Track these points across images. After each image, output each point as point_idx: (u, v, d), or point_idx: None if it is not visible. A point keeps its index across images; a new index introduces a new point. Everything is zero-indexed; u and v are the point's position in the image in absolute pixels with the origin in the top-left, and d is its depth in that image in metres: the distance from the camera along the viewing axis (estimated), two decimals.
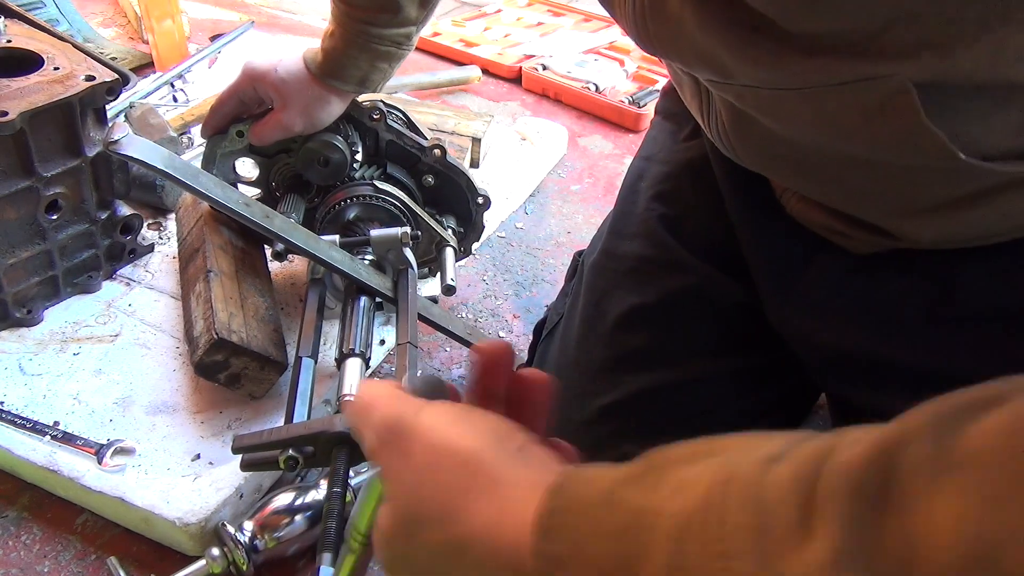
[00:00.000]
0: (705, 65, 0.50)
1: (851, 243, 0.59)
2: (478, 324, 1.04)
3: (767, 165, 0.60)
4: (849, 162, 0.52)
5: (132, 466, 0.76)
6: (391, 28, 0.83)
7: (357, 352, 0.77)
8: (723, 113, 0.57)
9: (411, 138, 0.95)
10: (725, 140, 0.59)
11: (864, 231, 0.57)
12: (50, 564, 0.72)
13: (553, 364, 0.72)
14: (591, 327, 0.70)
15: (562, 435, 0.67)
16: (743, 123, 0.56)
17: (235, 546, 0.67)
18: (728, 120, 0.57)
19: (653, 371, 0.66)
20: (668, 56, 0.54)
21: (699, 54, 0.49)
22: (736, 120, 0.56)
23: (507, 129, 1.42)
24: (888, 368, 0.59)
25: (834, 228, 0.60)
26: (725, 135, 0.59)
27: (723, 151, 0.62)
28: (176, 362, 0.89)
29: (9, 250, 0.85)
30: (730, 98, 0.54)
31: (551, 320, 0.78)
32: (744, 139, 0.58)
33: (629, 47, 1.76)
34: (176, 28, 1.49)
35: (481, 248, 1.17)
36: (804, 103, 0.47)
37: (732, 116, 0.56)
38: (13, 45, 0.87)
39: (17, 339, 0.90)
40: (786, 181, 0.61)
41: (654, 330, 0.67)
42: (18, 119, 0.77)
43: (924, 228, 0.54)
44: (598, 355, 0.68)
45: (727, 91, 0.53)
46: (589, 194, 1.34)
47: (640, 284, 0.69)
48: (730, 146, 0.59)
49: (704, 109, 0.60)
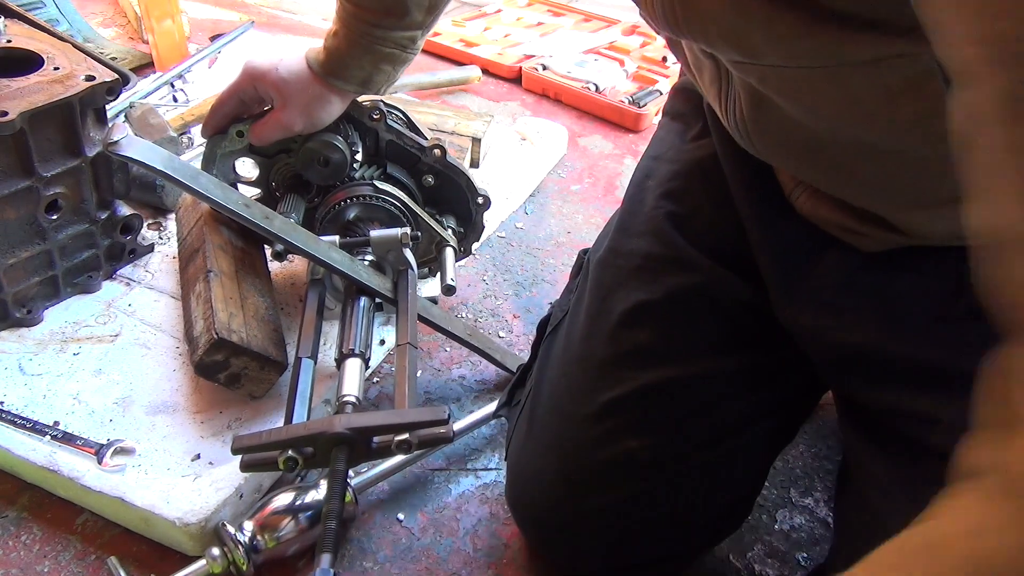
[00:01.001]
0: (732, 44, 0.50)
1: (862, 240, 0.60)
2: (478, 324, 1.04)
3: (781, 154, 0.60)
4: (866, 151, 0.52)
5: (132, 466, 0.76)
6: (396, 31, 0.83)
7: (357, 352, 0.77)
8: (742, 97, 0.57)
9: (411, 138, 0.95)
10: (741, 127, 0.59)
11: (875, 227, 0.57)
12: (50, 564, 0.72)
13: (557, 360, 0.72)
14: (596, 323, 0.70)
15: (565, 430, 0.68)
16: (762, 108, 0.56)
17: (235, 546, 0.68)
18: (747, 105, 0.57)
19: (658, 367, 0.66)
20: (694, 36, 0.54)
21: (728, 32, 0.49)
22: (755, 105, 0.56)
23: (507, 129, 1.42)
24: (897, 365, 0.59)
25: (845, 225, 0.60)
26: (742, 121, 0.59)
27: (738, 140, 0.62)
28: (176, 362, 0.89)
29: (9, 250, 0.85)
30: (752, 80, 0.54)
31: (555, 317, 0.78)
32: (761, 125, 0.58)
33: (629, 47, 1.76)
34: (176, 28, 1.49)
35: (481, 248, 1.17)
36: (829, 82, 0.47)
37: (752, 101, 0.56)
38: (13, 45, 0.87)
39: (17, 339, 0.90)
40: (799, 172, 0.61)
41: (659, 326, 0.68)
42: (18, 119, 0.77)
43: (936, 222, 0.54)
44: (603, 350, 0.68)
45: (750, 72, 0.53)
46: (589, 194, 1.34)
47: (647, 281, 0.69)
48: (745, 133, 0.59)
49: (723, 94, 0.60)
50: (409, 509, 0.80)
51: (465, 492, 0.82)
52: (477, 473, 0.85)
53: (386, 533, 0.77)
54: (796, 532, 0.81)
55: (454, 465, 0.85)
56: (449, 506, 0.81)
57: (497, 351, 0.94)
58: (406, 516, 0.79)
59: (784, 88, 0.52)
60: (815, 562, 0.78)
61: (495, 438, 0.88)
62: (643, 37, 1.83)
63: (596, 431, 0.66)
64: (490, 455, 0.86)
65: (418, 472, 0.84)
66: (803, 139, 0.55)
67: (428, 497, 0.81)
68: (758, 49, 0.48)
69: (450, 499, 0.81)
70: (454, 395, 0.93)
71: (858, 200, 0.58)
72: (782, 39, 0.46)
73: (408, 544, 0.76)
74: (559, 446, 0.68)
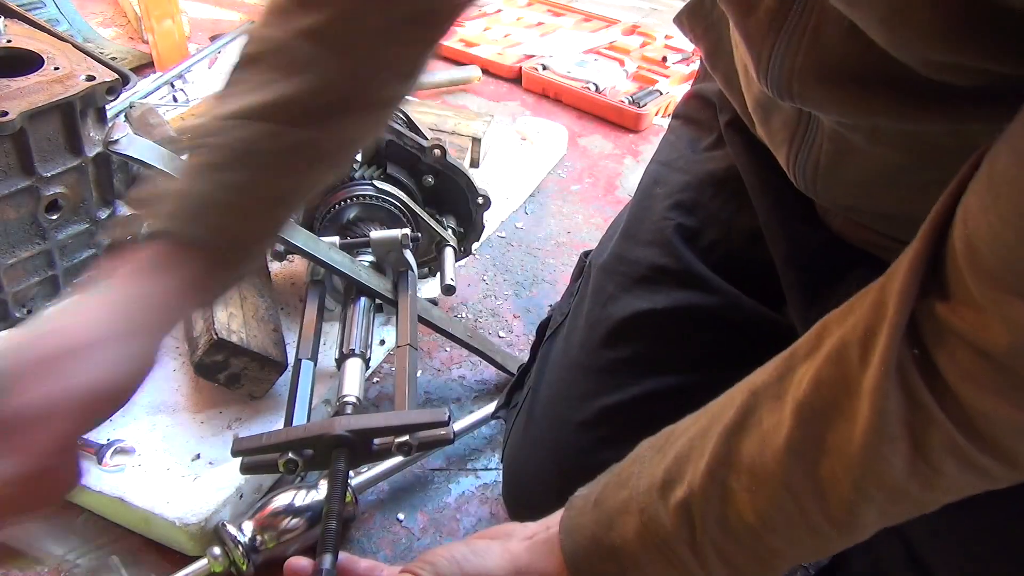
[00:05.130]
0: (851, 114, 0.47)
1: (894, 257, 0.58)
2: (478, 324, 1.04)
3: (846, 199, 0.57)
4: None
5: (132, 466, 0.76)
6: None
7: (357, 352, 0.77)
8: (826, 145, 0.54)
9: (411, 138, 0.95)
10: (809, 174, 0.56)
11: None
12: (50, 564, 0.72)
13: (556, 364, 0.72)
14: (596, 329, 0.70)
15: (562, 434, 0.68)
16: (845, 156, 0.53)
17: (235, 546, 0.68)
18: (828, 151, 0.54)
19: (657, 376, 0.66)
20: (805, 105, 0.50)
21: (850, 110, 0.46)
22: (839, 152, 0.53)
23: (507, 129, 1.42)
24: None
25: (882, 244, 0.58)
26: (814, 168, 0.55)
27: (800, 183, 0.58)
28: (176, 362, 0.89)
29: (9, 250, 0.85)
30: (858, 136, 0.50)
31: (555, 320, 0.77)
32: (837, 175, 0.55)
33: (629, 47, 1.76)
34: (176, 28, 1.49)
35: (481, 248, 1.17)
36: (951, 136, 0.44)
37: (837, 150, 0.53)
38: (13, 45, 0.87)
39: None
40: (859, 216, 0.59)
41: (660, 336, 0.67)
42: (18, 119, 0.77)
43: None
44: (602, 357, 0.68)
45: (859, 129, 0.50)
46: (589, 194, 1.34)
47: (650, 291, 0.68)
48: (812, 181, 0.56)
49: (797, 140, 0.56)
50: (409, 509, 0.80)
51: (465, 492, 0.82)
52: (477, 473, 0.85)
53: (386, 533, 0.77)
54: None
55: (454, 465, 0.85)
56: (449, 506, 0.81)
57: (497, 353, 0.94)
58: (406, 516, 0.79)
59: (900, 140, 0.48)
60: (817, 563, 0.78)
61: (495, 438, 0.88)
62: (643, 37, 1.83)
63: (592, 436, 0.66)
64: (490, 455, 0.86)
65: (418, 472, 0.84)
66: (879, 186, 0.53)
67: (428, 497, 0.81)
68: (883, 120, 0.46)
69: (450, 499, 0.81)
70: (454, 395, 0.93)
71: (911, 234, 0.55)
72: (942, 117, 0.42)
73: (408, 544, 0.76)
74: (555, 449, 0.68)
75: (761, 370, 0.45)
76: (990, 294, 0.34)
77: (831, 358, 0.40)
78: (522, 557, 0.48)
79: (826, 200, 0.58)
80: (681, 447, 0.45)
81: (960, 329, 0.35)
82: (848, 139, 0.51)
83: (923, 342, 0.37)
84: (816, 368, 0.40)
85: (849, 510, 0.39)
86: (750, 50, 0.48)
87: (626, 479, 0.47)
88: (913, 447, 0.37)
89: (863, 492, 0.38)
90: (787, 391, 0.42)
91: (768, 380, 0.43)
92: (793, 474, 0.40)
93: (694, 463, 0.44)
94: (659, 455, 0.47)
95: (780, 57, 0.46)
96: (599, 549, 0.45)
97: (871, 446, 0.37)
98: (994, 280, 0.34)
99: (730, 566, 0.43)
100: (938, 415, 0.36)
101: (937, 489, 0.39)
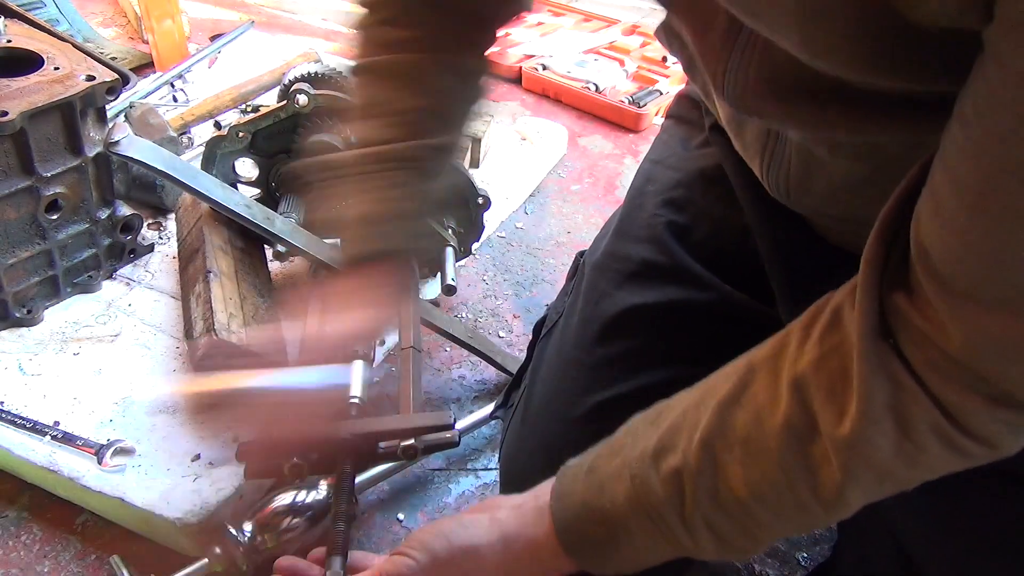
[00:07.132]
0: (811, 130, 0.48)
1: None
2: (478, 324, 1.04)
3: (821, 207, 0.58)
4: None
5: (132, 466, 0.76)
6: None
7: (360, 353, 0.77)
8: (794, 161, 0.55)
9: None
10: (782, 185, 0.57)
11: None
12: (50, 564, 0.72)
13: (550, 361, 0.72)
14: (589, 325, 0.70)
15: (556, 430, 0.68)
16: (812, 168, 0.54)
17: (235, 546, 0.68)
18: (797, 166, 0.55)
19: (650, 370, 0.66)
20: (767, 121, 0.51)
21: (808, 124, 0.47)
22: (806, 164, 0.54)
23: (507, 129, 1.42)
24: None
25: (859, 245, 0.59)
26: (785, 180, 0.57)
27: (775, 194, 0.59)
28: (176, 362, 0.89)
29: (9, 250, 0.85)
30: (821, 149, 0.51)
31: (551, 319, 0.77)
32: (807, 185, 0.55)
33: (629, 47, 1.76)
34: (176, 28, 1.49)
35: (481, 248, 1.17)
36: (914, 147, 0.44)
37: (803, 163, 0.54)
38: (13, 45, 0.87)
39: (17, 339, 0.90)
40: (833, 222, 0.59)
41: (653, 331, 0.67)
42: (18, 119, 0.77)
43: None
44: (595, 353, 0.68)
45: (822, 141, 0.50)
46: (589, 194, 1.34)
47: (642, 287, 0.69)
48: (786, 191, 0.57)
49: (767, 153, 0.58)
50: (409, 509, 0.80)
51: (465, 492, 0.82)
52: (477, 473, 0.85)
53: (386, 533, 0.77)
54: None
55: (454, 465, 0.85)
56: (449, 506, 0.81)
57: (497, 353, 0.94)
58: (406, 516, 0.79)
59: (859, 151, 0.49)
60: (815, 562, 0.79)
61: (495, 438, 0.88)
62: (643, 37, 1.83)
63: (586, 432, 0.66)
64: (490, 455, 0.86)
65: (418, 472, 0.84)
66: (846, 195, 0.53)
67: (428, 497, 0.81)
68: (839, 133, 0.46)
69: (450, 499, 0.81)
70: (454, 395, 0.94)
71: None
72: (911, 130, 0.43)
73: None
74: (550, 445, 0.68)
75: (759, 346, 0.46)
76: (941, 295, 0.35)
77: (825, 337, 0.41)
78: (510, 525, 0.49)
79: (800, 208, 0.59)
80: (675, 418, 0.46)
81: (921, 325, 0.37)
82: (812, 152, 0.52)
83: (894, 335, 0.38)
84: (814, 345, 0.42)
85: (838, 490, 0.40)
86: (707, 68, 0.49)
87: (619, 449, 0.48)
88: (898, 427, 0.38)
89: (851, 473, 0.40)
90: (783, 368, 0.42)
91: (765, 355, 0.44)
92: (788, 452, 0.41)
93: (687, 433, 0.45)
94: (652, 427, 0.48)
95: (734, 73, 0.47)
96: (589, 513, 0.47)
97: (859, 430, 0.38)
98: (944, 283, 0.35)
99: (716, 535, 0.44)
100: (922, 397, 0.37)
101: (920, 467, 0.40)
